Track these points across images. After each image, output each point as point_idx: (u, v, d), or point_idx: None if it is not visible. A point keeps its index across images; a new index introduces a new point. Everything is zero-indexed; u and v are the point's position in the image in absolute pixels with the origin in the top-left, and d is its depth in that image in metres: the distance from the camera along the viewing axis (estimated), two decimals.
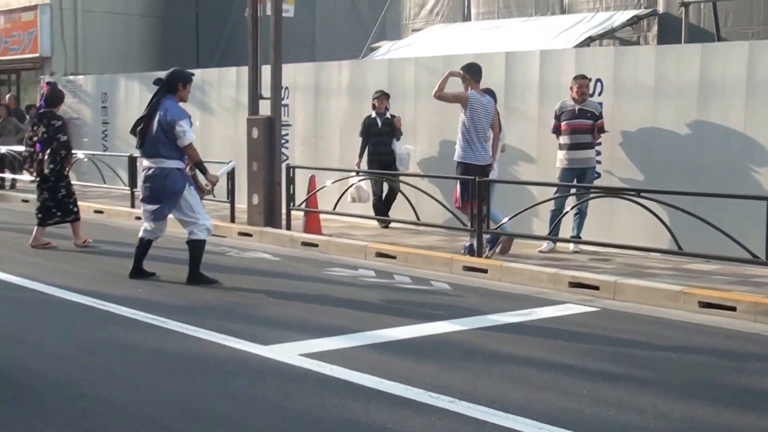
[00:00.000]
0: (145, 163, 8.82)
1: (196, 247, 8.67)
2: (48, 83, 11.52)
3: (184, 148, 8.64)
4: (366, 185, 12.20)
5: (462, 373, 5.73)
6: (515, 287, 8.91)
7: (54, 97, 11.17)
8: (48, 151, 10.85)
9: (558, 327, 7.25)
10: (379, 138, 12.33)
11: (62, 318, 7.35)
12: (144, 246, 8.93)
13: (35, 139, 11.00)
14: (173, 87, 8.78)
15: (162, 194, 8.62)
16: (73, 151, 11.37)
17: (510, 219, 10.07)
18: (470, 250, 10.04)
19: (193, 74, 9.25)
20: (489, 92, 10.44)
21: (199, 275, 8.63)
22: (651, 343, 6.80)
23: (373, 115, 12.42)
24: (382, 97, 12.40)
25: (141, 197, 8.99)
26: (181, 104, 8.81)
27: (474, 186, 9.81)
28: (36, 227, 10.93)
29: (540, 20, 15.42)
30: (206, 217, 8.86)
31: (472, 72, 10.13)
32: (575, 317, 7.63)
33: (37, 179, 11.07)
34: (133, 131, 8.97)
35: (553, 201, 10.33)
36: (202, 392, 5.28)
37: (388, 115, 12.40)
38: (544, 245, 10.42)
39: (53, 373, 5.64)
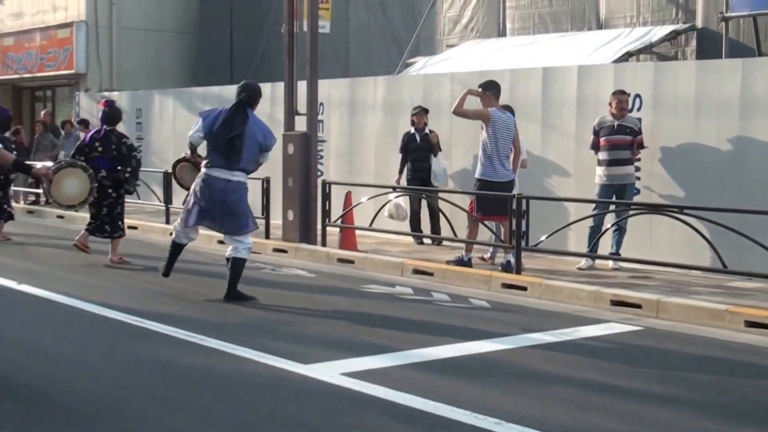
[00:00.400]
0: (221, 174, 8.53)
1: (237, 265, 8.60)
2: (106, 102, 11.44)
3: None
4: (404, 202, 12.09)
5: (507, 393, 5.62)
6: (555, 305, 8.79)
7: (114, 115, 11.17)
8: (129, 169, 10.87)
9: (602, 346, 7.13)
10: (418, 154, 12.23)
11: (101, 335, 7.31)
12: (176, 249, 8.96)
13: (94, 155, 10.81)
14: (253, 102, 8.76)
15: (230, 207, 8.54)
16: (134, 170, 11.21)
17: (548, 237, 9.96)
18: (507, 267, 9.95)
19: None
20: (508, 109, 10.51)
21: (238, 292, 8.57)
22: (698, 363, 6.66)
23: (412, 131, 12.33)
24: (421, 112, 12.30)
25: (197, 203, 8.66)
26: None
27: (509, 202, 9.73)
28: (84, 230, 10.99)
29: (577, 35, 15.31)
30: (250, 236, 8.80)
31: (491, 89, 10.29)
32: (619, 336, 7.50)
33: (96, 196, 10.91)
34: (224, 142, 8.51)
35: (591, 218, 10.20)
36: (243, 412, 5.21)
37: (426, 130, 12.31)
38: (583, 262, 10.30)
39: (95, 391, 5.59)
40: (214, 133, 8.48)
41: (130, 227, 14.46)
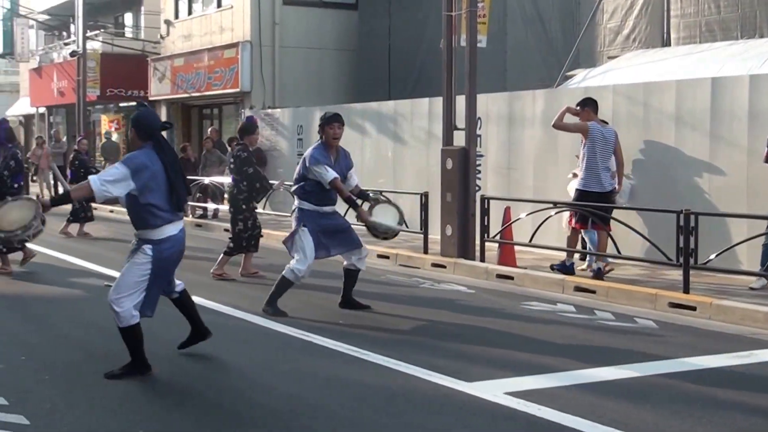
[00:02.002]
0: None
1: (283, 284, 8.71)
2: (246, 117, 11.74)
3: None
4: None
5: (680, 419, 5.40)
6: (727, 326, 8.40)
7: (241, 129, 11.12)
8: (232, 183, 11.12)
9: None
10: None
11: (267, 347, 7.47)
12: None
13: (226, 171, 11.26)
14: (319, 132, 8.82)
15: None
16: (258, 184, 11.16)
17: (718, 255, 9.55)
18: (597, 274, 10.40)
19: (332, 114, 8.89)
20: (605, 123, 11.06)
21: (274, 306, 8.67)
22: None
23: None
24: None
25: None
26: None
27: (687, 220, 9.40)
28: (222, 255, 11.14)
29: (747, 43, 14.66)
30: (296, 259, 8.67)
31: (590, 105, 10.89)
32: None
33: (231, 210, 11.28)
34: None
35: (765, 235, 9.72)
36: (409, 429, 5.20)
37: None
38: (756, 282, 9.82)
39: (268, 405, 5.71)
40: None
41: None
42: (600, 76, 15.26)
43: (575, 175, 11.43)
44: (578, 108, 10.85)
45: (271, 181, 12.18)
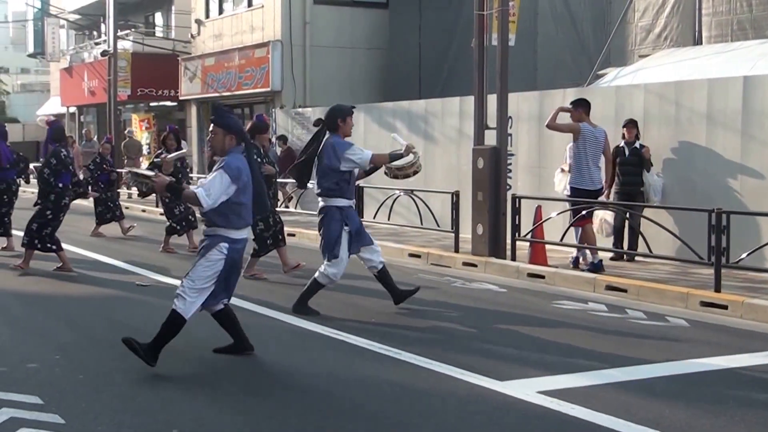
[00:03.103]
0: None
1: (315, 285, 8.76)
2: (256, 116, 11.76)
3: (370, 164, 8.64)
4: (611, 218, 11.81)
5: (714, 417, 5.43)
6: (759, 325, 8.40)
7: (252, 128, 10.93)
8: None
9: None
10: (625, 168, 11.83)
11: (300, 347, 7.54)
12: (379, 278, 9.01)
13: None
14: (332, 123, 8.65)
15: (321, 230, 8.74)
16: (277, 180, 11.34)
17: (749, 254, 9.54)
18: (594, 267, 10.81)
19: (352, 107, 8.94)
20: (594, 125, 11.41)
21: (305, 307, 8.71)
22: None
23: (622, 143, 11.98)
24: (630, 125, 11.90)
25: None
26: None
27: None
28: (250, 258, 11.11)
29: None
30: (331, 262, 8.64)
31: (582, 106, 11.28)
32: None
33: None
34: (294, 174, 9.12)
35: None
36: (442, 428, 5.26)
37: (636, 144, 11.90)
38: None
39: (301, 404, 5.76)
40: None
41: None
42: (631, 75, 15.23)
43: (563, 171, 12.02)
44: (571, 107, 11.34)
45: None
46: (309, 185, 9.31)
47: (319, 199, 8.76)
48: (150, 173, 7.33)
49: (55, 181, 11.25)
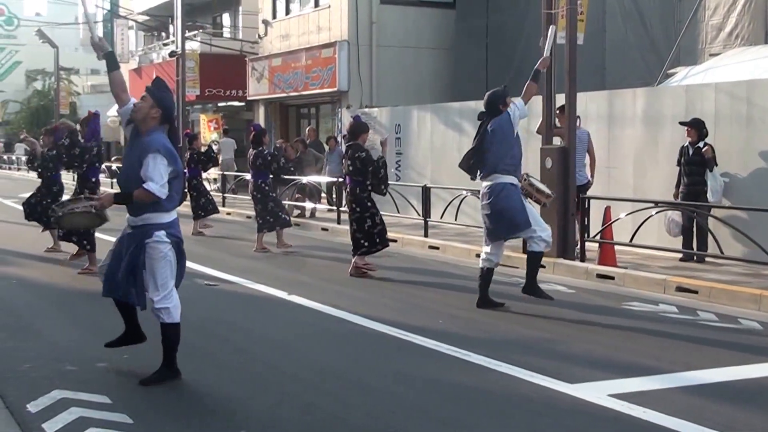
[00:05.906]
0: (485, 184, 9.19)
1: (532, 259, 9.25)
2: (353, 117, 11.92)
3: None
4: (678, 217, 11.66)
5: None
6: None
7: (354, 128, 11.27)
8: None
9: None
10: (689, 167, 11.65)
11: (366, 347, 7.56)
12: (484, 276, 9.10)
13: (344, 171, 11.46)
14: (495, 109, 9.13)
15: (498, 211, 8.95)
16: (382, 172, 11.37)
17: None
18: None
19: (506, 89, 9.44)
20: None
21: (536, 288, 9.22)
22: None
23: (686, 143, 11.83)
24: (691, 126, 11.72)
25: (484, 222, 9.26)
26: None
27: None
28: (354, 257, 11.31)
29: None
30: (543, 228, 9.14)
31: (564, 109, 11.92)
32: None
33: (348, 211, 11.48)
34: (464, 165, 9.36)
35: None
36: (509, 431, 5.26)
37: (700, 144, 11.73)
38: None
39: (366, 405, 5.79)
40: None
41: (390, 240, 14.98)
42: (702, 74, 15.00)
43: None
44: (558, 112, 12.14)
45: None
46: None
47: (485, 181, 9.14)
48: (85, 203, 7.05)
49: (89, 174, 11.67)
